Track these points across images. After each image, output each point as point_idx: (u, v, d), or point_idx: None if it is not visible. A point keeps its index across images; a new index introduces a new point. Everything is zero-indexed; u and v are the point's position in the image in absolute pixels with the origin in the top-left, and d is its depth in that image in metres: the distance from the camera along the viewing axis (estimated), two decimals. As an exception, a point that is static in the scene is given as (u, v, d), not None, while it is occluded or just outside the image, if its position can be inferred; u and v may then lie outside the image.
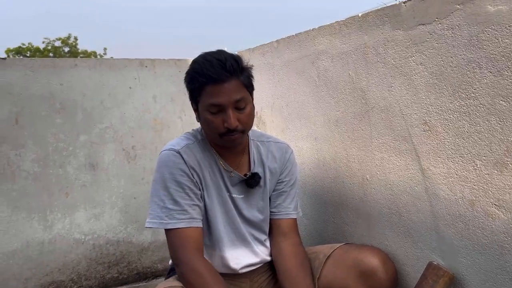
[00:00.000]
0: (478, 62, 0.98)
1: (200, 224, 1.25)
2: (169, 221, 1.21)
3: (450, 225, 1.10)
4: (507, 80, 0.93)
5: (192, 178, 1.24)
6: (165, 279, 1.39)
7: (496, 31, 0.94)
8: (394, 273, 1.24)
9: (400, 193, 1.25)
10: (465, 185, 1.05)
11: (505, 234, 0.97)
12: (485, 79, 0.97)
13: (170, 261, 1.44)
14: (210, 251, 1.31)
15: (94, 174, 2.32)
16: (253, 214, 1.34)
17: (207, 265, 1.19)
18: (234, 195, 1.31)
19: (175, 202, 1.21)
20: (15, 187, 2.14)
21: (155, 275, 2.49)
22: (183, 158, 1.24)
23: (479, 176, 1.01)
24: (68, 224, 2.27)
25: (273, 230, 1.38)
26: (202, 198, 1.27)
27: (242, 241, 1.33)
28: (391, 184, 1.28)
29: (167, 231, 1.23)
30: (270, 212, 1.38)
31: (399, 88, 1.21)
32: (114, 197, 2.37)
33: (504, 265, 0.98)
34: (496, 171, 0.97)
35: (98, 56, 25.84)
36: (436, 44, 1.08)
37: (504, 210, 0.96)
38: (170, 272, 1.42)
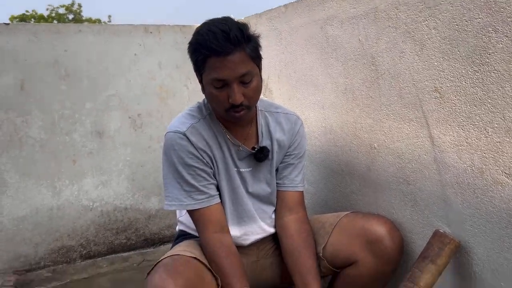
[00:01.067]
0: (494, 26, 0.94)
1: (218, 200, 1.26)
2: (189, 203, 1.22)
3: (458, 194, 1.09)
4: (524, 45, 0.89)
5: (202, 159, 1.23)
6: (172, 245, 1.41)
7: (515, -8, 0.90)
8: (400, 241, 1.24)
9: (408, 161, 1.24)
10: (475, 154, 1.03)
11: (514, 202, 0.96)
12: (501, 43, 0.94)
13: (177, 227, 1.46)
14: None
15: (101, 141, 2.32)
16: (261, 187, 1.33)
17: (227, 248, 1.22)
18: (241, 170, 1.30)
19: (190, 185, 1.22)
20: (23, 154, 2.15)
21: (162, 241, 2.53)
22: (189, 140, 1.21)
23: (490, 144, 0.99)
24: (76, 191, 2.30)
25: (278, 202, 1.37)
26: (214, 175, 1.27)
27: (250, 218, 1.33)
28: (399, 152, 1.27)
29: (189, 210, 1.25)
30: (277, 183, 1.36)
31: (411, 53, 1.17)
32: (121, 165, 2.39)
33: (511, 233, 0.97)
34: (508, 139, 0.95)
35: (103, 23, 25.49)
36: (451, 8, 1.04)
37: (514, 179, 0.95)
38: (177, 239, 1.43)
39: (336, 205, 1.59)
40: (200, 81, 1.21)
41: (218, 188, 1.28)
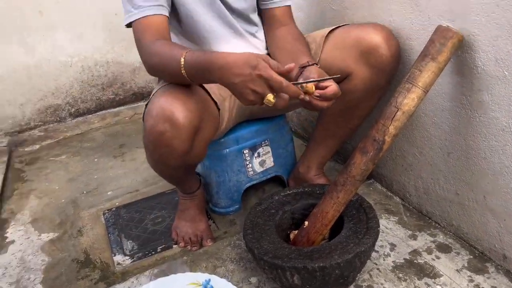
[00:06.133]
0: None
1: (167, 13, 1.10)
2: (135, 11, 1.06)
3: (465, -19, 0.97)
4: None
5: None
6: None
7: None
8: (397, 49, 1.15)
9: (409, -46, 1.08)
10: None
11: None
12: None
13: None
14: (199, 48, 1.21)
15: (65, -12, 2.09)
16: (237, 3, 1.21)
17: (167, 43, 1.04)
18: None
19: None
20: (-19, 6, 1.95)
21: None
22: None
23: None
24: (50, 47, 2.15)
25: (268, 18, 1.28)
26: None
27: (234, 33, 1.23)
28: None
29: (135, 25, 1.07)
30: (263, 2, 1.26)
31: None
32: (93, 15, 2.20)
33: (523, 14, 0.88)
34: None
35: None
36: None
37: None
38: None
39: (328, 26, 1.47)
40: None
41: (172, 5, 1.14)
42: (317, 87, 0.97)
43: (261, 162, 1.46)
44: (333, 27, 1.22)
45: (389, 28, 1.18)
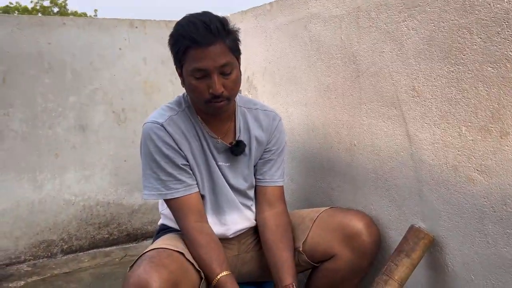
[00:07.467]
0: (469, 27, 0.98)
1: (197, 189, 1.27)
2: (167, 192, 1.23)
3: (433, 190, 1.13)
4: (496, 46, 0.93)
5: (179, 150, 1.24)
6: (154, 239, 1.41)
7: (489, -4, 0.93)
8: (377, 236, 1.27)
9: (386, 158, 1.27)
10: (450, 151, 1.06)
11: (485, 198, 0.99)
12: (475, 45, 0.97)
13: (159, 222, 1.47)
14: None
15: (84, 135, 2.31)
16: (239, 182, 1.35)
17: (207, 235, 1.23)
18: (220, 163, 1.32)
19: (168, 173, 1.23)
20: (4, 147, 2.13)
21: (145, 236, 2.53)
22: (167, 130, 1.22)
23: (464, 142, 1.02)
24: (58, 185, 2.29)
25: (259, 196, 1.39)
26: (191, 167, 1.28)
27: (232, 207, 1.35)
28: (378, 149, 1.30)
29: (167, 200, 1.26)
30: (257, 179, 1.39)
31: (390, 53, 1.20)
32: (104, 159, 2.38)
33: (482, 228, 1.01)
34: (480, 137, 0.98)
35: (88, 17, 25.12)
36: (429, 9, 1.07)
37: (485, 176, 0.98)
38: (159, 233, 1.44)
39: (316, 201, 1.62)
40: (180, 74, 1.23)
41: (196, 179, 1.29)
42: None
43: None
44: (321, 210, 1.35)
45: (370, 216, 1.31)
